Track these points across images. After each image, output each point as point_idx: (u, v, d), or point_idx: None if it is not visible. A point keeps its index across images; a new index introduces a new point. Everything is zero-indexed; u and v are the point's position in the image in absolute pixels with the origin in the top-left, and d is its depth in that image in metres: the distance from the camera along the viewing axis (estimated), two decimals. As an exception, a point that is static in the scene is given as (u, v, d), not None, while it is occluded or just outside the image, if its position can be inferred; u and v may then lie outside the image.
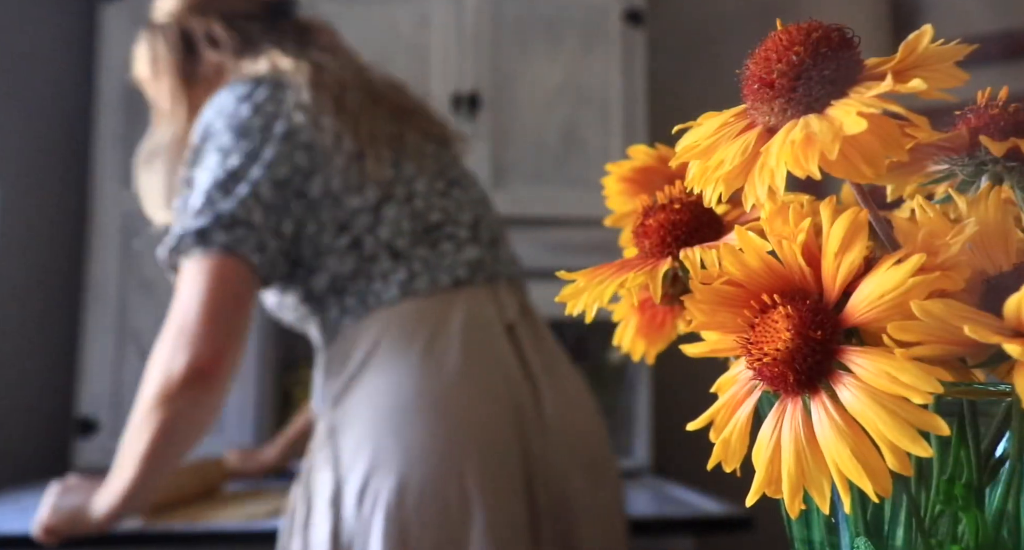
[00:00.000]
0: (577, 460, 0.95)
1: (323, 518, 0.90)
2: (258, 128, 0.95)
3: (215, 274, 0.90)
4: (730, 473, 0.31)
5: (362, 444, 0.90)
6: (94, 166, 1.73)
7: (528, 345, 0.98)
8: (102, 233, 1.71)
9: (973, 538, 0.29)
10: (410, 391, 0.90)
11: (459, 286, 0.97)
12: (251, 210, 0.92)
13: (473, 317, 0.95)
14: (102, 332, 1.69)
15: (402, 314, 0.94)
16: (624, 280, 0.35)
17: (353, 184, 0.96)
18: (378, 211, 0.96)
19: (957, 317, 0.26)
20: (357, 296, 0.96)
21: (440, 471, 0.87)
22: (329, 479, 0.91)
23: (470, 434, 0.90)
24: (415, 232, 0.97)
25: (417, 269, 0.96)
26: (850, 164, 0.28)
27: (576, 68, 1.79)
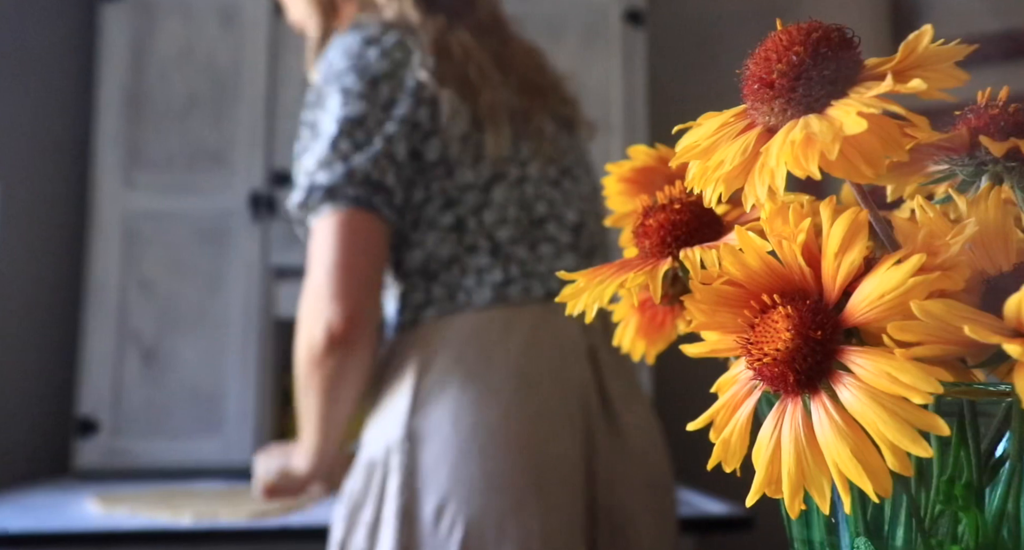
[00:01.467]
0: (647, 494, 0.93)
1: (391, 527, 0.87)
2: (387, 75, 0.90)
3: (346, 232, 0.87)
4: (730, 473, 0.31)
5: (441, 461, 0.86)
6: (94, 166, 1.73)
7: (608, 371, 0.94)
8: (102, 233, 1.71)
9: (973, 538, 0.29)
10: (497, 416, 0.87)
11: (550, 298, 0.93)
12: (384, 170, 0.88)
13: (560, 337, 0.92)
14: (102, 332, 1.69)
15: (492, 323, 0.90)
16: (624, 280, 0.35)
17: (468, 156, 0.92)
18: (488, 191, 0.92)
19: (957, 317, 0.26)
20: (447, 287, 0.92)
21: (521, 505, 0.85)
22: (402, 487, 0.87)
23: (551, 470, 0.87)
24: (519, 222, 0.93)
25: (513, 273, 0.92)
26: (850, 164, 0.28)
27: (576, 68, 1.79)
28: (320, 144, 0.90)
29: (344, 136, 0.89)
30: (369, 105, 0.89)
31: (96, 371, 1.67)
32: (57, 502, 1.36)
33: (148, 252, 1.72)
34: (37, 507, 1.32)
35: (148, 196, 1.73)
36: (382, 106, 0.89)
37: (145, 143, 1.74)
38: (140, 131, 1.74)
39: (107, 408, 1.66)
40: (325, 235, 0.88)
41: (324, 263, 0.88)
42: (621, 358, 0.96)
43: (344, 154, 0.88)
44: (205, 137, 1.75)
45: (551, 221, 0.95)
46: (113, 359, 1.68)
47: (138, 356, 1.69)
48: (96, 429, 1.65)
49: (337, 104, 0.90)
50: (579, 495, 0.88)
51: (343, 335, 0.87)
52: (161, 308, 1.71)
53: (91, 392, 1.66)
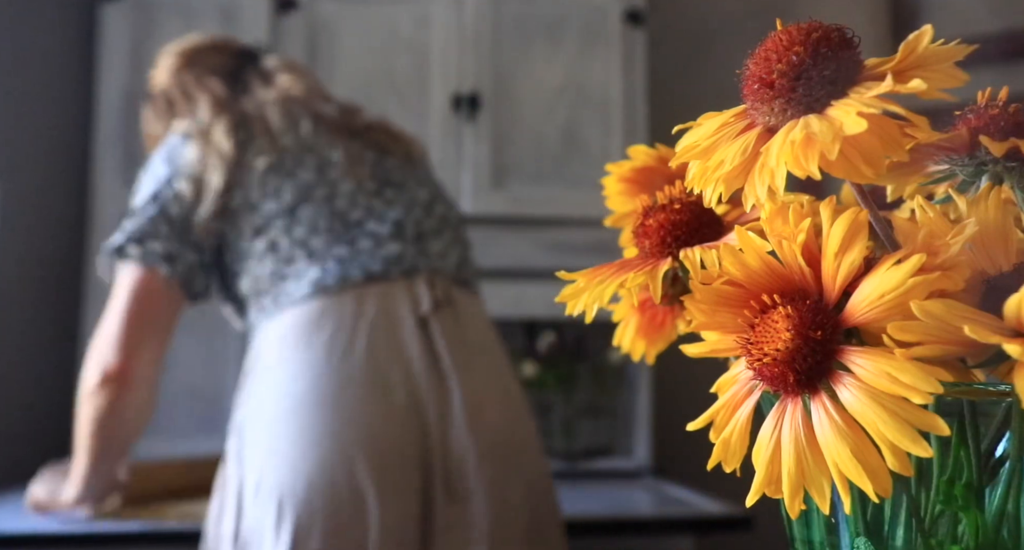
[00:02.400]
0: (482, 456, 0.96)
1: (230, 511, 0.94)
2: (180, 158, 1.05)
3: (132, 285, 1.01)
4: (730, 473, 0.31)
5: (260, 437, 0.94)
6: (94, 166, 1.73)
7: (443, 339, 1.00)
8: (102, 233, 1.71)
9: (973, 538, 0.29)
10: (307, 385, 0.94)
11: (371, 281, 0.99)
12: (158, 225, 1.02)
13: (382, 311, 0.98)
14: (102, 332, 1.68)
15: (309, 310, 0.98)
16: (624, 280, 0.35)
17: (270, 191, 1.03)
18: (294, 212, 1.02)
19: (957, 317, 0.26)
20: (273, 297, 1.01)
21: (331, 462, 0.90)
22: (234, 472, 0.96)
23: (361, 428, 0.92)
24: (333, 230, 1.02)
25: (330, 267, 1.00)
26: (850, 164, 0.28)
27: (576, 68, 1.79)
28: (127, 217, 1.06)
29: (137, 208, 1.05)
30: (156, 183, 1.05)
31: (96, 371, 1.67)
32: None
33: (148, 252, 1.72)
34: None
35: (148, 196, 1.73)
36: (165, 181, 1.05)
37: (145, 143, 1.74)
38: (140, 131, 1.74)
39: (107, 408, 1.66)
40: (117, 286, 1.03)
41: (113, 311, 1.02)
42: (465, 328, 1.03)
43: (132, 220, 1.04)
44: (205, 137, 1.74)
45: (370, 221, 1.04)
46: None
47: (138, 356, 1.69)
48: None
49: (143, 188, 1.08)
50: (405, 451, 0.93)
51: (114, 377, 1.00)
52: (161, 308, 1.71)
53: (91, 392, 1.66)
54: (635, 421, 1.73)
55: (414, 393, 0.96)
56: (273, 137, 1.07)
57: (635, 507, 1.44)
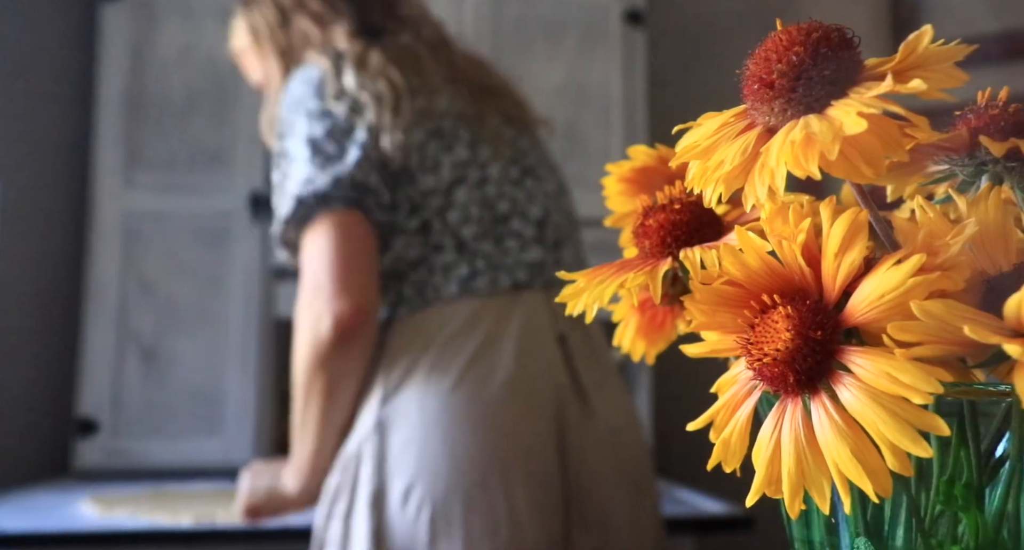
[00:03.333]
0: (621, 476, 0.95)
1: (364, 514, 0.89)
2: (344, 93, 0.95)
3: (341, 230, 0.90)
4: (730, 473, 0.31)
5: (408, 445, 0.89)
6: (94, 166, 1.73)
7: (580, 356, 0.96)
8: (102, 233, 1.71)
9: (973, 538, 0.29)
10: (460, 398, 0.89)
11: (518, 289, 0.96)
12: (367, 172, 0.91)
13: (527, 324, 0.94)
14: (102, 332, 1.69)
15: (459, 314, 0.93)
16: (624, 280, 0.35)
17: (429, 162, 0.96)
18: (450, 193, 0.96)
19: (957, 317, 0.26)
20: (416, 286, 0.95)
21: (489, 483, 0.87)
22: (372, 474, 0.90)
23: (517, 448, 0.89)
24: (483, 221, 0.96)
25: (479, 267, 0.95)
26: (850, 164, 0.28)
27: (576, 68, 1.79)
28: (298, 166, 0.93)
29: (319, 152, 0.92)
30: (334, 120, 0.93)
31: (96, 371, 1.67)
32: (57, 502, 1.36)
33: (148, 252, 1.72)
34: (37, 507, 1.32)
35: (148, 196, 1.73)
36: (346, 118, 0.93)
37: (145, 143, 1.74)
38: (140, 131, 1.74)
39: (107, 408, 1.66)
40: (321, 238, 0.90)
41: (323, 262, 0.89)
42: (595, 347, 1.00)
43: (325, 166, 0.91)
44: (205, 137, 1.75)
45: (515, 217, 0.99)
46: (113, 359, 1.68)
47: (138, 356, 1.69)
48: (96, 429, 1.65)
49: (304, 126, 0.94)
50: (551, 472, 0.90)
51: (354, 326, 0.88)
52: (161, 308, 1.71)
53: (91, 392, 1.66)
54: (635, 421, 1.73)
55: (561, 411, 0.92)
56: (431, 94, 0.98)
57: (635, 507, 1.43)
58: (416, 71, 0.98)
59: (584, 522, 0.91)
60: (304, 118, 0.94)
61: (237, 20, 1.12)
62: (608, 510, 0.93)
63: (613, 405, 0.97)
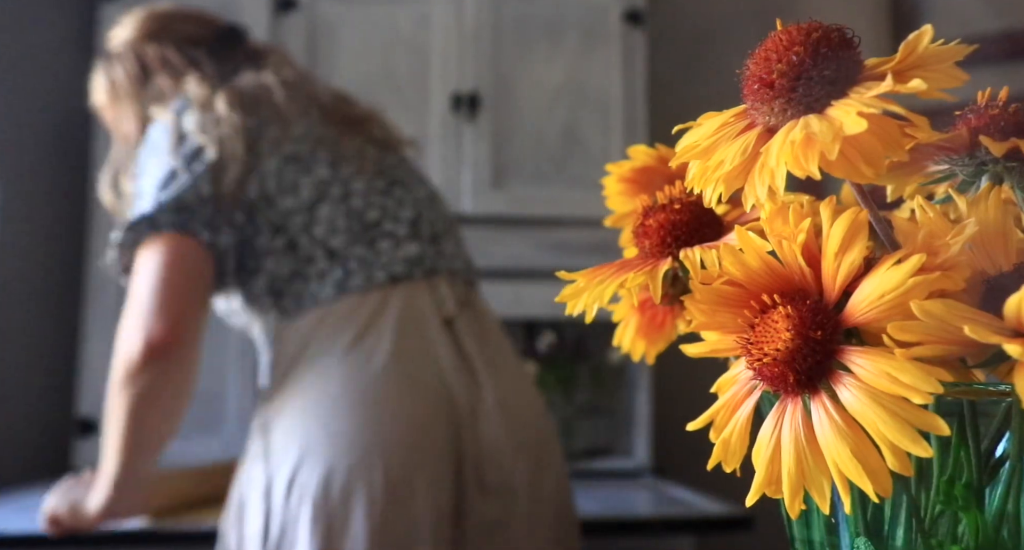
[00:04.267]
0: (518, 449, 0.96)
1: (256, 511, 0.92)
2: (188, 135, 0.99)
3: (166, 252, 0.92)
4: (730, 473, 0.31)
5: (291, 436, 0.92)
6: (94, 166, 1.73)
7: (469, 338, 0.99)
8: (102, 233, 1.71)
9: (973, 538, 0.29)
10: (337, 383, 0.92)
11: (396, 282, 0.98)
12: (195, 195, 0.94)
13: (407, 311, 0.97)
14: (102, 332, 1.68)
15: (335, 311, 0.96)
16: (624, 280, 0.35)
17: (287, 185, 0.99)
18: (313, 210, 0.99)
19: (957, 317, 0.26)
20: (294, 297, 0.98)
21: (365, 462, 0.89)
22: (261, 472, 0.93)
23: (396, 425, 0.91)
24: (351, 230, 0.99)
25: (353, 267, 0.98)
26: (850, 164, 0.28)
27: (576, 68, 1.79)
28: (142, 198, 0.97)
29: (161, 183, 0.96)
30: (178, 159, 0.97)
31: (96, 371, 1.67)
32: (57, 502, 1.35)
33: (148, 252, 1.72)
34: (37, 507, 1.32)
35: (148, 196, 1.73)
36: (186, 157, 0.97)
37: (145, 143, 1.74)
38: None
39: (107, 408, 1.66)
40: (147, 259, 0.93)
41: (146, 283, 0.92)
42: (486, 329, 1.03)
43: (157, 196, 0.95)
44: (205, 137, 1.74)
45: (386, 221, 1.02)
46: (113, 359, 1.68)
47: (138, 356, 1.68)
48: (96, 429, 1.65)
49: (155, 166, 0.98)
50: (440, 445, 0.92)
51: (162, 346, 0.90)
52: (161, 308, 1.71)
53: (91, 392, 1.66)
54: (635, 421, 1.73)
55: (446, 391, 0.95)
56: (285, 124, 1.02)
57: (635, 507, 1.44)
58: (268, 103, 1.02)
59: (483, 490, 0.93)
60: (155, 160, 0.99)
61: (97, 75, 1.14)
62: (508, 479, 0.94)
63: (506, 384, 0.99)
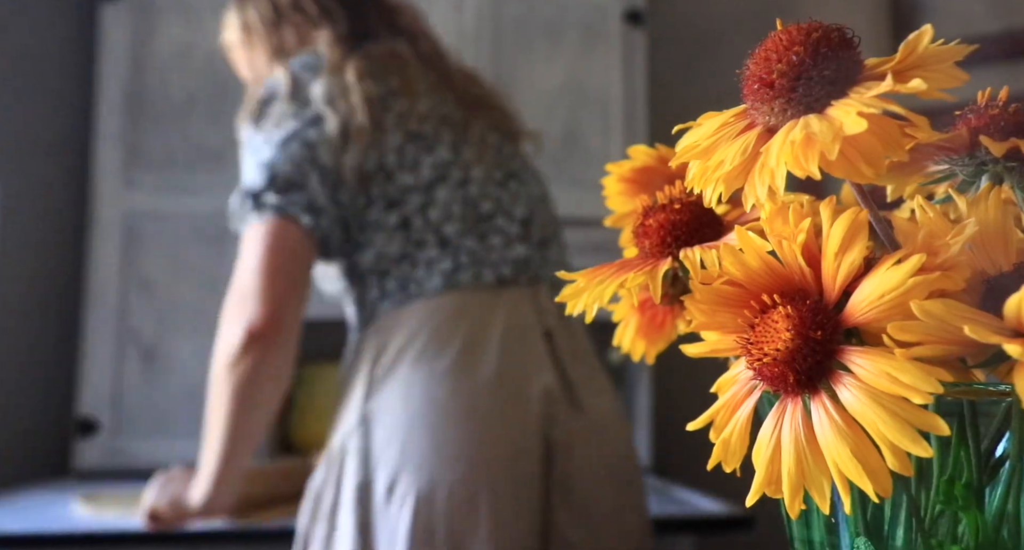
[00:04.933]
0: (609, 471, 0.95)
1: (349, 508, 0.89)
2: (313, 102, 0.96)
3: (268, 238, 0.91)
4: (730, 473, 0.31)
5: (393, 438, 0.89)
6: (94, 166, 1.73)
7: (566, 352, 0.97)
8: (102, 233, 1.71)
9: (973, 538, 0.29)
10: (445, 391, 0.90)
11: (502, 285, 0.96)
12: (306, 173, 0.93)
13: (513, 320, 0.95)
14: (102, 332, 1.68)
15: (443, 308, 0.94)
16: (624, 280, 0.35)
17: (408, 162, 0.96)
18: (430, 191, 0.96)
19: (957, 317, 0.26)
20: (399, 280, 0.96)
21: (471, 476, 0.87)
22: (357, 468, 0.90)
23: (502, 441, 0.89)
24: (465, 219, 0.97)
25: (463, 261, 0.95)
26: (850, 164, 0.28)
27: (576, 68, 1.79)
28: (255, 161, 0.96)
29: (273, 149, 0.94)
30: (296, 122, 0.95)
31: (96, 371, 1.67)
32: (57, 502, 1.36)
33: (148, 252, 1.72)
34: (37, 507, 1.32)
35: (148, 196, 1.73)
36: (308, 121, 0.95)
37: (145, 143, 1.74)
38: (140, 131, 1.74)
39: (107, 408, 1.66)
40: (250, 242, 0.93)
41: (248, 267, 0.92)
42: (579, 345, 1.00)
43: (271, 164, 0.93)
44: (205, 137, 1.75)
45: (499, 216, 0.99)
46: (113, 359, 1.68)
47: (138, 356, 1.69)
48: (96, 429, 1.65)
49: (271, 125, 0.96)
50: (534, 469, 0.91)
51: (263, 332, 0.89)
52: (161, 308, 1.71)
53: (91, 392, 1.66)
54: (635, 421, 1.73)
55: (547, 411, 0.92)
56: (413, 98, 0.99)
57: (635, 507, 1.43)
58: (400, 74, 1.00)
59: (571, 513, 0.92)
60: (272, 118, 0.96)
61: (230, 14, 1.13)
62: (594, 505, 0.93)
63: (600, 402, 0.98)
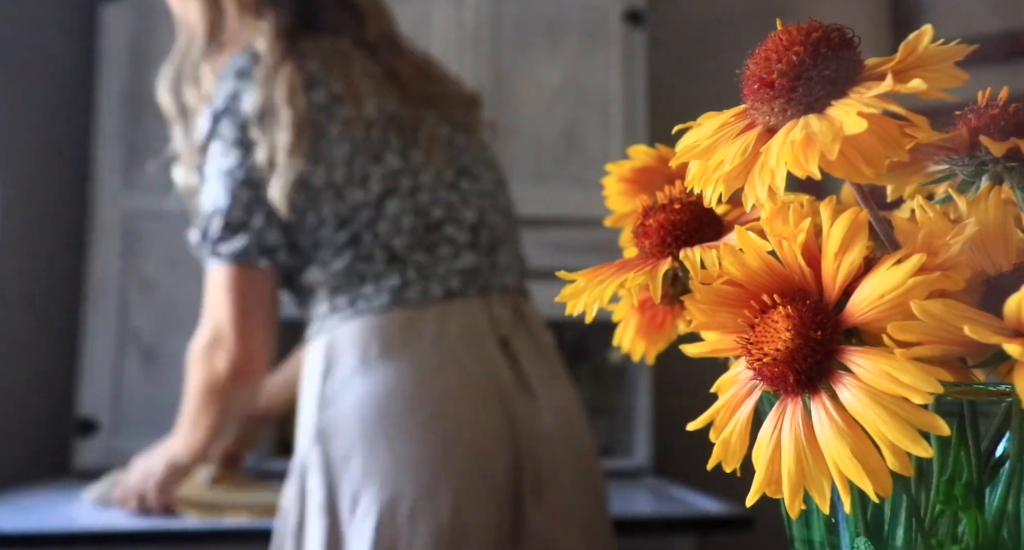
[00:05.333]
0: (570, 470, 0.96)
1: (316, 524, 0.90)
2: (255, 117, 0.94)
3: (233, 286, 0.97)
4: (730, 473, 0.31)
5: (352, 451, 0.90)
6: (94, 166, 1.73)
7: (524, 357, 0.98)
8: (102, 233, 1.71)
9: (973, 538, 0.29)
10: (401, 403, 0.91)
11: (451, 297, 0.96)
12: (253, 212, 0.95)
13: (465, 329, 0.95)
14: (102, 332, 1.68)
15: (393, 323, 0.94)
16: (624, 280, 0.35)
17: (357, 176, 0.95)
18: (380, 205, 0.95)
19: (957, 317, 0.26)
20: (347, 296, 0.96)
21: (433, 487, 0.88)
22: (320, 484, 0.91)
23: (462, 450, 0.90)
24: (415, 230, 0.96)
25: (411, 276, 0.95)
26: (850, 164, 0.28)
27: (576, 68, 1.79)
28: (205, 197, 0.98)
29: (222, 189, 0.95)
30: (238, 154, 0.95)
31: (96, 371, 1.67)
32: (57, 502, 1.36)
33: (148, 252, 1.72)
34: (37, 507, 1.32)
35: (148, 196, 1.73)
36: (245, 152, 0.95)
37: (145, 143, 1.74)
38: (140, 131, 1.74)
39: (107, 408, 1.66)
40: (218, 286, 0.98)
41: (222, 311, 0.98)
42: (542, 347, 1.02)
43: (220, 208, 0.95)
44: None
45: (448, 224, 0.99)
46: (113, 359, 1.68)
47: (138, 356, 1.69)
48: (96, 429, 1.65)
49: (218, 153, 0.96)
50: (502, 471, 0.91)
51: (246, 369, 0.99)
52: (161, 308, 1.71)
53: (91, 392, 1.66)
54: (635, 421, 1.73)
55: (509, 416, 0.93)
56: (358, 100, 0.96)
57: (635, 507, 1.43)
58: (343, 75, 0.97)
59: (541, 509, 0.93)
60: (220, 143, 0.96)
61: None
62: (566, 497, 0.94)
63: (560, 404, 0.99)
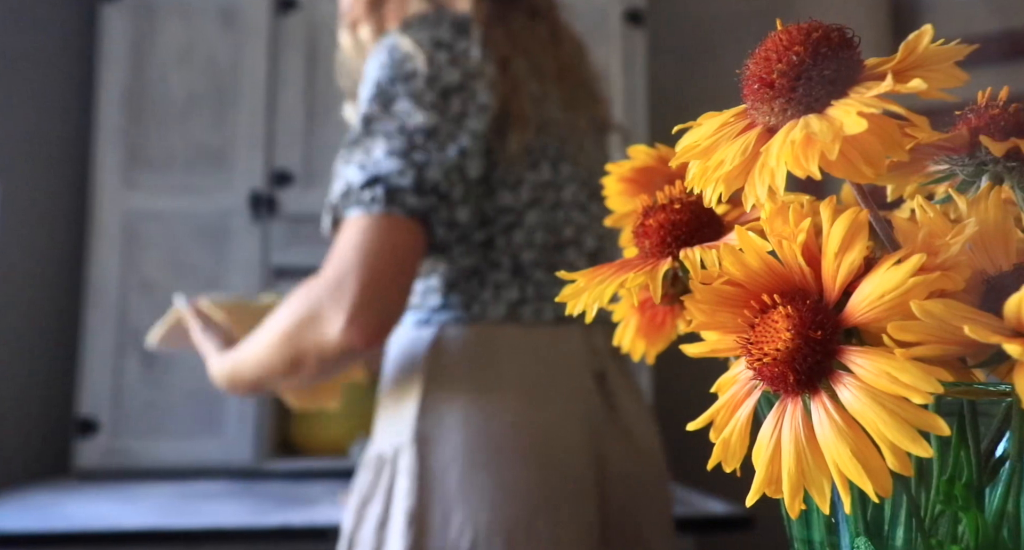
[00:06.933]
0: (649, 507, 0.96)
1: (400, 529, 0.86)
2: (458, 86, 0.86)
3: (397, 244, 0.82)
4: (730, 473, 0.31)
5: (451, 468, 0.87)
6: (94, 166, 1.73)
7: (620, 391, 0.96)
8: (102, 233, 1.71)
9: (973, 538, 0.29)
10: (505, 428, 0.88)
11: (559, 322, 0.93)
12: (454, 184, 0.84)
13: (568, 358, 0.93)
14: (102, 332, 1.69)
15: (503, 340, 0.91)
16: (624, 280, 0.35)
17: (512, 180, 0.91)
18: (523, 214, 0.91)
19: (957, 317, 0.26)
20: (464, 296, 0.91)
21: (532, 518, 0.86)
22: (411, 490, 0.87)
23: (564, 485, 0.88)
24: (545, 247, 0.93)
25: (529, 294, 0.92)
26: (850, 164, 0.28)
27: (576, 68, 1.79)
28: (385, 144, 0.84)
29: (416, 146, 0.84)
30: (440, 117, 0.85)
31: (96, 371, 1.67)
32: (57, 502, 1.36)
33: (148, 252, 1.72)
34: (37, 507, 1.32)
35: (148, 196, 1.73)
36: (454, 118, 0.85)
37: (145, 143, 1.74)
38: (140, 131, 1.74)
39: (107, 408, 1.66)
40: (373, 237, 0.81)
41: (365, 266, 0.81)
42: (631, 379, 1.00)
43: (415, 160, 0.83)
44: (205, 137, 1.75)
45: (571, 247, 0.96)
46: (113, 359, 1.68)
47: (138, 356, 1.69)
48: (96, 429, 1.65)
49: (406, 111, 0.85)
50: (591, 502, 0.90)
51: (364, 349, 0.82)
52: (161, 308, 1.70)
53: (91, 392, 1.66)
54: (635, 421, 1.73)
55: (597, 447, 0.92)
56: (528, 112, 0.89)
57: (635, 507, 1.43)
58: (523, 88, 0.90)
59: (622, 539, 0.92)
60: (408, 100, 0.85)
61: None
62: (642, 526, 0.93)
63: (653, 443, 0.98)
